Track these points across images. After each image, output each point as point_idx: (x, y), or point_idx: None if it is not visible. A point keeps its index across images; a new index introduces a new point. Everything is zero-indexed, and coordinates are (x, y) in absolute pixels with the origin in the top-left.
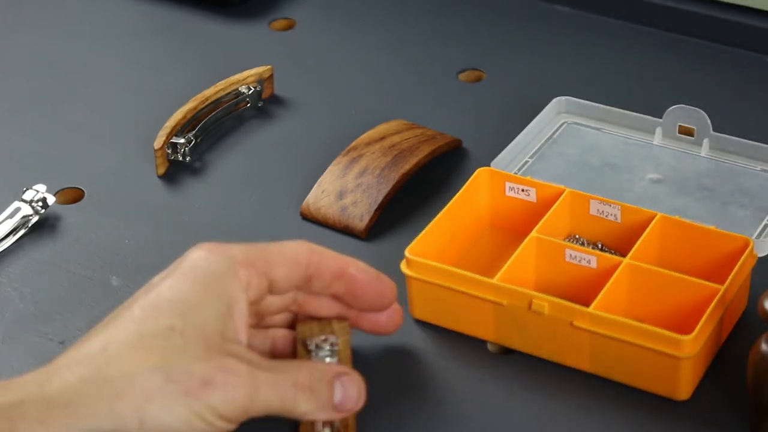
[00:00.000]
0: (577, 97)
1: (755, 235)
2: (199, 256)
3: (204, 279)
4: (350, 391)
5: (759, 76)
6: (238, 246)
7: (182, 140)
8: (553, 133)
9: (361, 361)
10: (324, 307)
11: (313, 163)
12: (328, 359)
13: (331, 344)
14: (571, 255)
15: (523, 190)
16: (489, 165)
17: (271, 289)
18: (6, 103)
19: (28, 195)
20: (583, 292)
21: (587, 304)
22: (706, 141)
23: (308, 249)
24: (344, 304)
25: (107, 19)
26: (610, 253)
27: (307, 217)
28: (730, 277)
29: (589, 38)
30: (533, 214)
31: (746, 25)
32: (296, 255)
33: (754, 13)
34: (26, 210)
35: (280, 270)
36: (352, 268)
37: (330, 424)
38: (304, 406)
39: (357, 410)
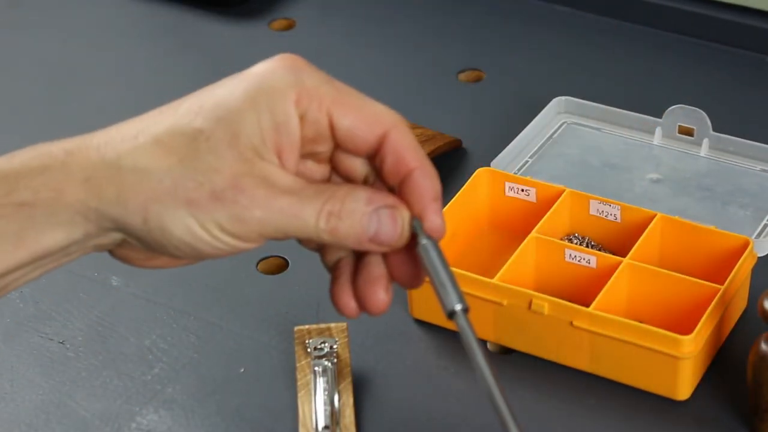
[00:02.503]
0: (577, 97)
1: (755, 235)
2: (267, 68)
3: (257, 90)
4: (387, 226)
5: (759, 76)
6: (317, 73)
7: None
8: (553, 133)
9: (360, 361)
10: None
11: None
12: (326, 362)
13: (330, 347)
14: (570, 255)
15: (522, 190)
16: (489, 165)
17: (329, 142)
18: (6, 103)
19: None
20: (583, 292)
21: (587, 304)
22: (705, 141)
23: (393, 122)
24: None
25: (107, 19)
26: (610, 253)
27: None
28: (729, 277)
29: (589, 38)
30: (533, 214)
31: (746, 25)
32: (375, 118)
33: (754, 13)
34: None
35: (348, 120)
36: (420, 175)
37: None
38: (327, 237)
39: (396, 247)
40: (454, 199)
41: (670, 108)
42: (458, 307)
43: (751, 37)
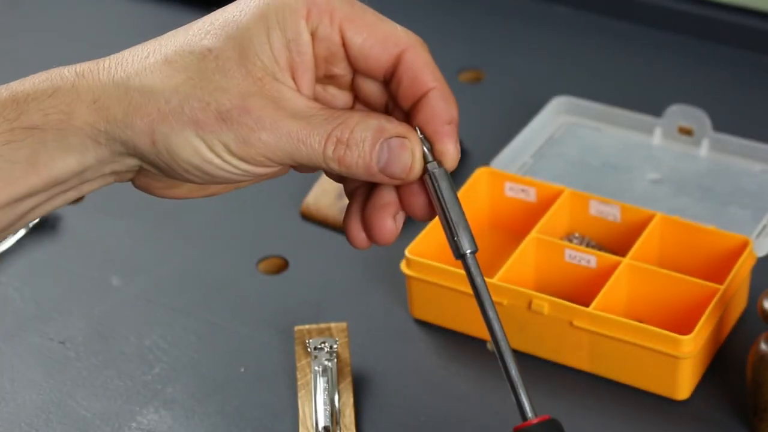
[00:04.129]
0: (577, 97)
1: (754, 234)
2: None
3: (267, 6)
4: (397, 157)
5: (759, 76)
6: None
7: None
8: (553, 133)
9: (360, 361)
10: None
11: None
12: (326, 362)
13: (330, 347)
14: (570, 255)
15: (522, 190)
16: (489, 165)
17: (347, 55)
18: None
19: None
20: (583, 291)
21: (587, 304)
22: (705, 141)
23: (409, 42)
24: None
25: (107, 19)
26: (610, 253)
27: (307, 217)
28: (729, 277)
29: (589, 38)
30: (533, 214)
31: (746, 25)
32: (390, 37)
33: (754, 13)
34: None
35: (360, 37)
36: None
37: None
38: (335, 165)
39: (408, 180)
40: None
41: (670, 108)
42: (468, 250)
43: (751, 37)
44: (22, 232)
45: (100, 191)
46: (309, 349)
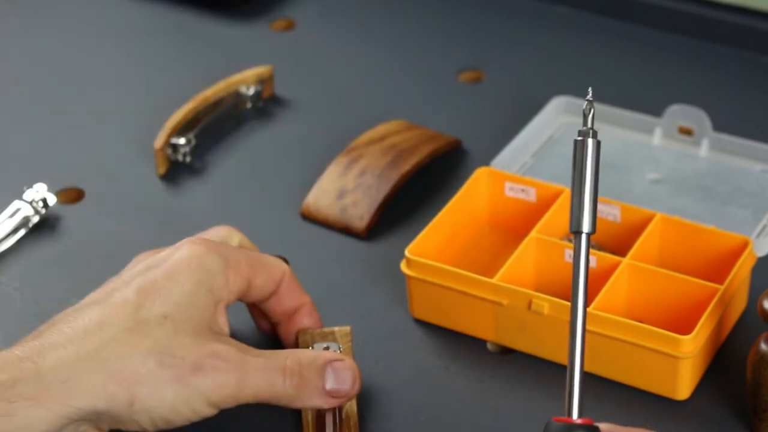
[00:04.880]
0: (577, 97)
1: (754, 234)
2: (195, 252)
3: (198, 275)
4: (343, 377)
5: (759, 76)
6: (230, 248)
7: (182, 140)
8: (553, 133)
9: (360, 361)
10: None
11: (313, 163)
12: None
13: (333, 352)
14: (570, 255)
15: (522, 190)
16: (489, 165)
17: (245, 295)
18: (6, 103)
19: (29, 195)
20: None
21: (587, 304)
22: (705, 141)
23: (288, 270)
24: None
25: (107, 19)
26: (610, 253)
27: (307, 217)
28: (729, 277)
29: (589, 38)
30: (533, 214)
31: (746, 25)
32: (276, 271)
33: (754, 13)
34: (27, 210)
35: (260, 279)
36: (306, 317)
37: (332, 413)
38: (293, 392)
39: (351, 397)
40: (454, 199)
41: (670, 108)
42: (586, 229)
43: (751, 37)
44: (22, 232)
45: (101, 190)
46: None
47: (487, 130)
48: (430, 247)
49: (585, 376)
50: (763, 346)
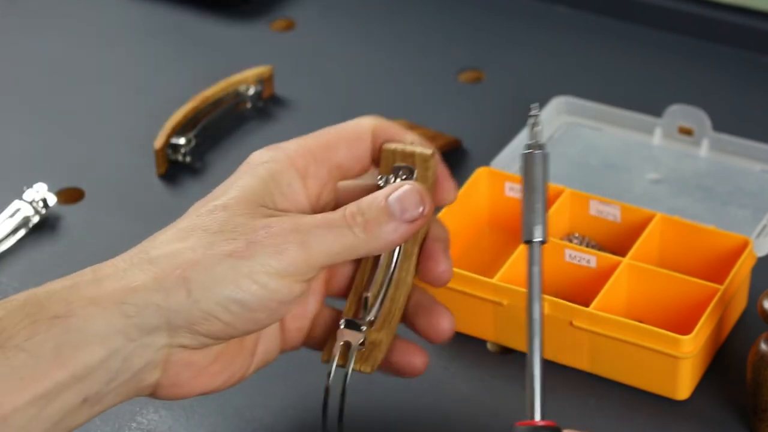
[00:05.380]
0: (577, 97)
1: (754, 234)
2: (254, 155)
3: (255, 167)
4: (409, 202)
5: (759, 76)
6: (294, 140)
7: (182, 140)
8: (553, 133)
9: None
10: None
11: None
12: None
13: (404, 178)
14: (570, 255)
15: None
16: (489, 165)
17: (342, 174)
18: (6, 103)
19: (29, 195)
20: (583, 292)
21: (587, 304)
22: (705, 141)
23: (371, 121)
24: None
25: (107, 19)
26: (610, 253)
27: None
28: (729, 277)
29: (589, 38)
30: None
31: (746, 25)
32: (358, 131)
33: (754, 13)
34: (27, 210)
35: (342, 152)
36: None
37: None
38: (364, 235)
39: (427, 217)
40: None
41: (670, 108)
42: (538, 238)
43: (751, 37)
44: (22, 232)
45: (101, 190)
46: (379, 183)
47: (487, 130)
48: None
49: (585, 375)
50: (763, 346)
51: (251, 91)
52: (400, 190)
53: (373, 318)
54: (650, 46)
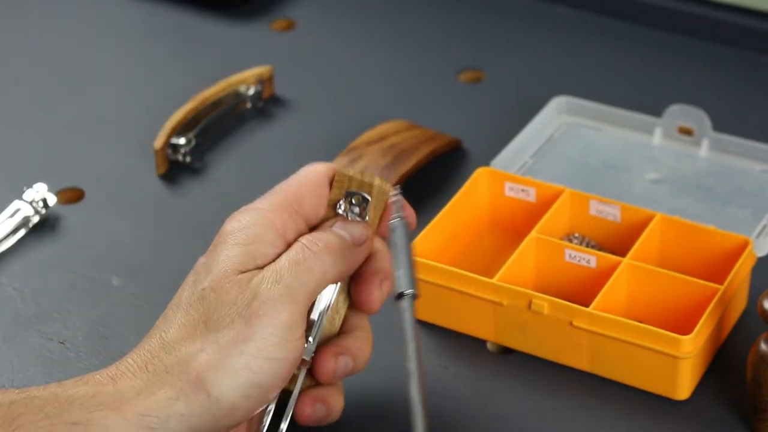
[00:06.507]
0: (577, 97)
1: (754, 234)
2: (232, 222)
3: (235, 234)
4: (354, 228)
5: (759, 76)
6: (264, 199)
7: (182, 140)
8: (553, 133)
9: None
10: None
11: None
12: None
13: (361, 207)
14: (570, 255)
15: (522, 190)
16: (489, 165)
17: (309, 219)
18: (6, 103)
19: (29, 195)
20: (583, 292)
21: (587, 304)
22: (705, 141)
23: (326, 166)
24: None
25: (107, 19)
26: (610, 253)
27: None
28: (729, 277)
29: (589, 38)
30: (533, 214)
31: (746, 25)
32: (317, 179)
33: (754, 13)
34: (27, 210)
35: (309, 201)
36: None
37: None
38: (327, 257)
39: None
40: (454, 199)
41: (669, 108)
42: (408, 291)
43: (751, 37)
44: (22, 232)
45: (101, 190)
46: (338, 210)
47: (487, 130)
48: (430, 247)
49: (585, 375)
50: (763, 346)
51: (251, 91)
52: (341, 224)
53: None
54: (650, 46)
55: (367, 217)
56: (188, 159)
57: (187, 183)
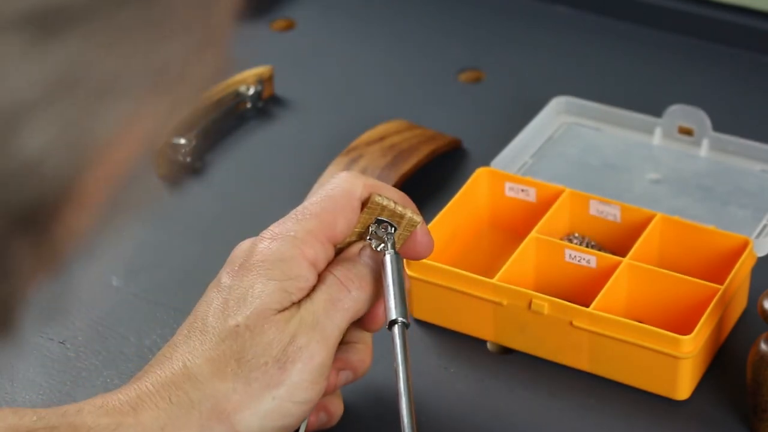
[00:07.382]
0: (577, 97)
1: (754, 234)
2: (260, 250)
3: (267, 269)
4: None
5: (759, 76)
6: (297, 223)
7: (182, 140)
8: (553, 133)
9: None
10: None
11: (313, 163)
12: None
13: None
14: (570, 255)
15: (522, 190)
16: (489, 165)
17: (335, 243)
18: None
19: None
20: (583, 292)
21: (587, 304)
22: (705, 141)
23: (359, 185)
24: None
25: None
26: (610, 253)
27: None
28: (729, 277)
29: (589, 38)
30: (533, 214)
31: (746, 25)
32: (351, 201)
33: (754, 13)
34: None
35: (340, 225)
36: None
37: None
38: (364, 294)
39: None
40: (454, 199)
41: (670, 108)
42: (400, 319)
43: (751, 37)
44: None
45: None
46: (367, 236)
47: (487, 130)
48: None
49: (585, 375)
50: (763, 346)
51: (251, 91)
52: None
53: None
54: (650, 46)
55: (389, 246)
56: (188, 159)
57: (187, 183)
